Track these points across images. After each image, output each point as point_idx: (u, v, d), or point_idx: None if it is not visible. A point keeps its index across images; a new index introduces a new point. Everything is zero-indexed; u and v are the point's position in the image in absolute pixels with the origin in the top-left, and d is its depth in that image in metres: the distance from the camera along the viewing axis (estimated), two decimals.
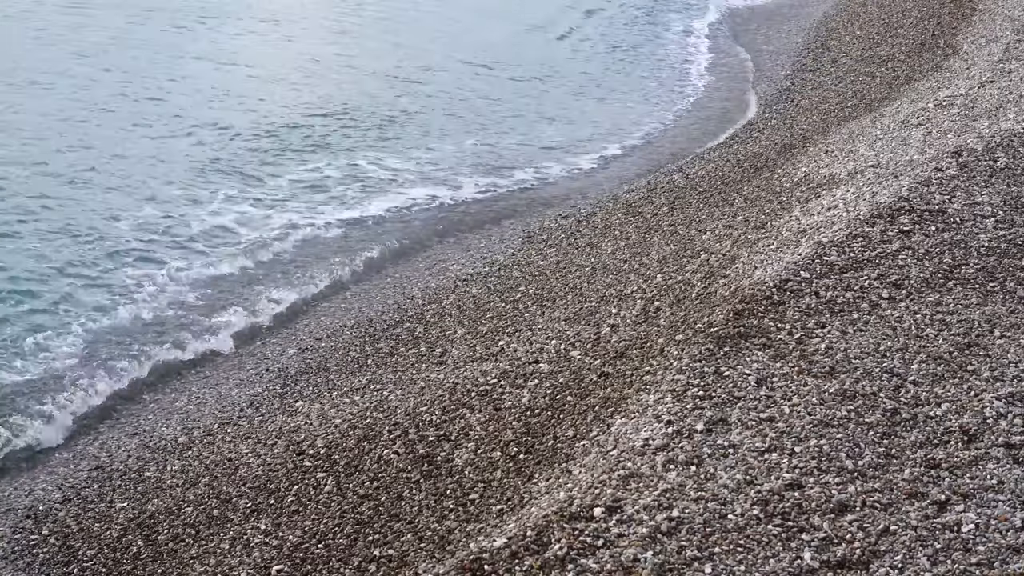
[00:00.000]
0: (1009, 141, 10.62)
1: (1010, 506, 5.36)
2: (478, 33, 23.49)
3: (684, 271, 9.45)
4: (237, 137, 16.00)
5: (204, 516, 7.49)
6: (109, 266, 11.81)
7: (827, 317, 7.31)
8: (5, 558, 7.36)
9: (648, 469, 5.74)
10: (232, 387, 9.67)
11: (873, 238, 8.49)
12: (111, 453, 8.65)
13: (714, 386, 6.50)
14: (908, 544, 5.14)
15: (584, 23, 25.16)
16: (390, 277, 12.09)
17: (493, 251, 12.36)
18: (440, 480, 7.04)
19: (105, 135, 15.55)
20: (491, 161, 15.94)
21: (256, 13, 23.71)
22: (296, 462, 7.84)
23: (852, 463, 5.73)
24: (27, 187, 13.43)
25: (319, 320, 11.02)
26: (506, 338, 9.28)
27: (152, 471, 8.24)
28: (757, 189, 11.95)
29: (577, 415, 7.14)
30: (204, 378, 10.01)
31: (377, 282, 11.97)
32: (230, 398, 9.43)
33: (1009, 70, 14.09)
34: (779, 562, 5.03)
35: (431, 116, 17.78)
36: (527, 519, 5.66)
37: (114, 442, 8.85)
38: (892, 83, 16.57)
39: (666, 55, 22.76)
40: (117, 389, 9.73)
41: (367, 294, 11.59)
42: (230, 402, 9.33)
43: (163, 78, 18.44)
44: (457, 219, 13.91)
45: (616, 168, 15.99)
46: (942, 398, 6.34)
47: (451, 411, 7.89)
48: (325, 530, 6.93)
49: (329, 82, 19.17)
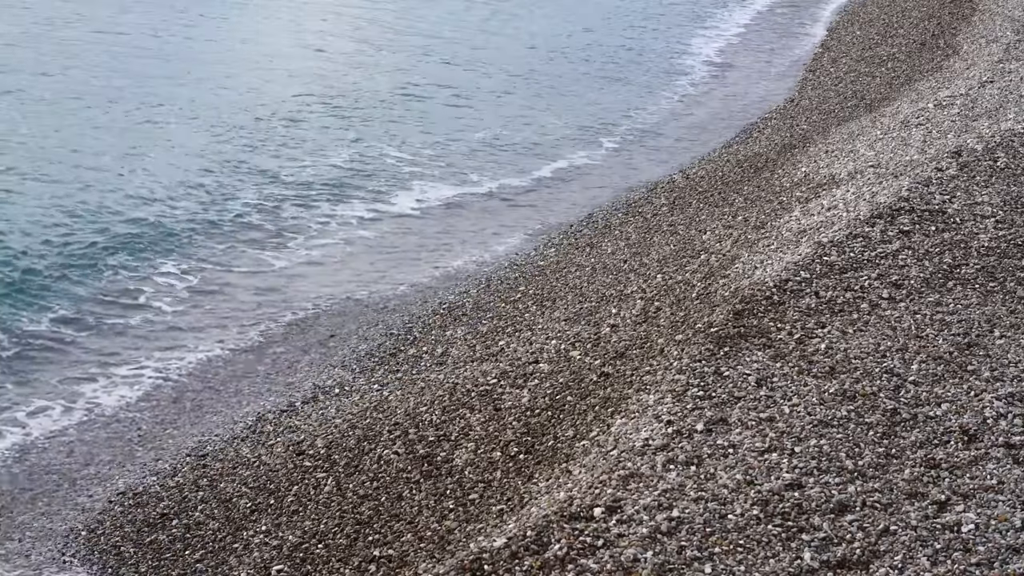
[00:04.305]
0: (1009, 141, 10.63)
1: (1010, 506, 5.36)
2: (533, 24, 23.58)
3: (684, 271, 9.44)
4: (242, 132, 16.03)
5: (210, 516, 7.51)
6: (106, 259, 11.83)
7: (827, 317, 7.31)
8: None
9: (648, 469, 5.73)
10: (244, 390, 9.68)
11: (873, 238, 8.49)
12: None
13: (714, 386, 6.50)
14: (908, 544, 5.14)
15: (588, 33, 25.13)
16: (391, 277, 12.09)
17: (494, 251, 12.36)
18: (440, 480, 7.04)
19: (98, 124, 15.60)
20: (509, 158, 15.98)
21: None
22: (296, 462, 7.84)
23: (852, 463, 5.73)
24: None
25: (319, 320, 11.02)
26: (506, 338, 9.28)
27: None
28: (757, 189, 11.95)
29: (577, 415, 7.14)
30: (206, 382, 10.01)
31: (378, 281, 11.97)
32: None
33: (1009, 70, 14.09)
34: (779, 562, 5.03)
35: (436, 111, 17.80)
36: (527, 519, 5.66)
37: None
38: (892, 83, 16.58)
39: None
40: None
41: (366, 293, 11.59)
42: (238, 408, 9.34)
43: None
44: (458, 218, 13.91)
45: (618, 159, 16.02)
46: (942, 398, 6.34)
47: (451, 411, 7.89)
48: (325, 530, 6.93)
49: (333, 74, 19.24)
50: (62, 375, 9.75)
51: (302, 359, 10.01)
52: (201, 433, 8.75)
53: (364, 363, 9.56)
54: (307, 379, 9.46)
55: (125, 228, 12.52)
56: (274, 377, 9.71)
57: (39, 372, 9.76)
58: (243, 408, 9.10)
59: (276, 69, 19.32)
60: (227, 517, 7.42)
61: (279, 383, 9.53)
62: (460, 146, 16.36)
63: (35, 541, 7.55)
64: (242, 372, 10.00)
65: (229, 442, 8.45)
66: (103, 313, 10.84)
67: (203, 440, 8.59)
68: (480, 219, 13.91)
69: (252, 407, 9.06)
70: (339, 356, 9.83)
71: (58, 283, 11.17)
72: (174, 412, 9.35)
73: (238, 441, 8.43)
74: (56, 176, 13.72)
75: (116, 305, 11.02)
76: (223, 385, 9.78)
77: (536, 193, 14.95)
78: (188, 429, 8.93)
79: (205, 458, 8.26)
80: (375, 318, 10.67)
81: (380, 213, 13.87)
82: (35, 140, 14.80)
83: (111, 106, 16.50)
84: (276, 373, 9.79)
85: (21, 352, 9.98)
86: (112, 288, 11.32)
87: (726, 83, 20.76)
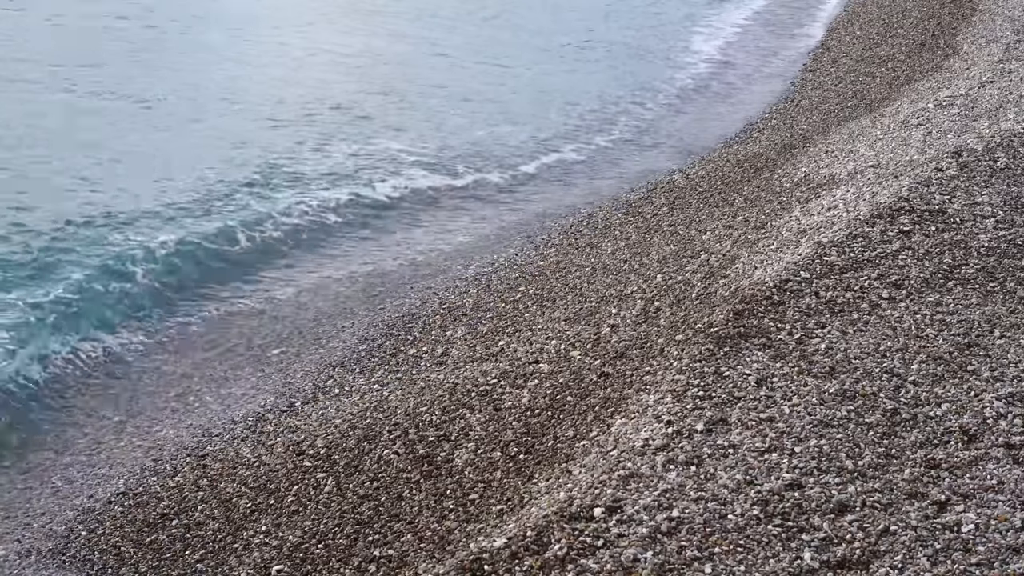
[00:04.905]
0: (1009, 141, 10.63)
1: (1010, 506, 5.37)
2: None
3: (684, 271, 9.45)
4: (248, 126, 16.06)
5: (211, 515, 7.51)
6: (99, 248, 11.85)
7: (827, 317, 7.32)
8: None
9: (648, 469, 5.74)
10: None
11: (873, 238, 8.50)
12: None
13: (714, 386, 6.50)
14: (908, 544, 5.14)
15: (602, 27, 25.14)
16: (389, 276, 12.09)
17: (494, 251, 12.36)
18: (440, 480, 7.04)
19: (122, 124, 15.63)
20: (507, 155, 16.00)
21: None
22: (296, 462, 7.84)
23: (852, 463, 5.73)
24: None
25: (318, 319, 11.02)
26: (506, 338, 9.28)
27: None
28: (757, 189, 11.95)
29: (577, 415, 7.14)
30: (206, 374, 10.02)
31: (378, 281, 11.97)
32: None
33: (1009, 70, 14.09)
34: (779, 562, 5.03)
35: (435, 108, 17.81)
36: (527, 519, 5.66)
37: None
38: (892, 83, 16.58)
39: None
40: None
41: (366, 293, 11.59)
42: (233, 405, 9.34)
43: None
44: (459, 218, 13.92)
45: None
46: (942, 398, 6.35)
47: (451, 411, 7.89)
48: (325, 530, 6.93)
49: (338, 73, 19.27)
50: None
51: (302, 359, 10.01)
52: (201, 433, 8.75)
53: (364, 363, 9.56)
54: (307, 379, 9.46)
55: (113, 226, 12.46)
56: (274, 377, 9.71)
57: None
58: (243, 408, 9.11)
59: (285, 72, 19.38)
60: (227, 517, 7.42)
61: (279, 383, 9.53)
62: (459, 143, 16.36)
63: (35, 541, 7.55)
64: (242, 372, 10.00)
65: (229, 442, 8.45)
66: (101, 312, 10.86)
67: (203, 440, 8.59)
68: (480, 218, 13.92)
69: (252, 407, 9.06)
70: (339, 356, 9.83)
71: (57, 283, 11.16)
72: (174, 412, 9.36)
73: (238, 441, 8.43)
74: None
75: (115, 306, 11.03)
76: (223, 385, 9.79)
77: (537, 192, 14.96)
78: (188, 429, 8.93)
79: (205, 458, 8.26)
80: (375, 318, 10.67)
81: (381, 212, 13.87)
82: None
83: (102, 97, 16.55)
84: (276, 373, 9.80)
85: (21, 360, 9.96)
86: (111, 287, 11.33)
87: (725, 82, 20.77)
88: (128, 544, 7.38)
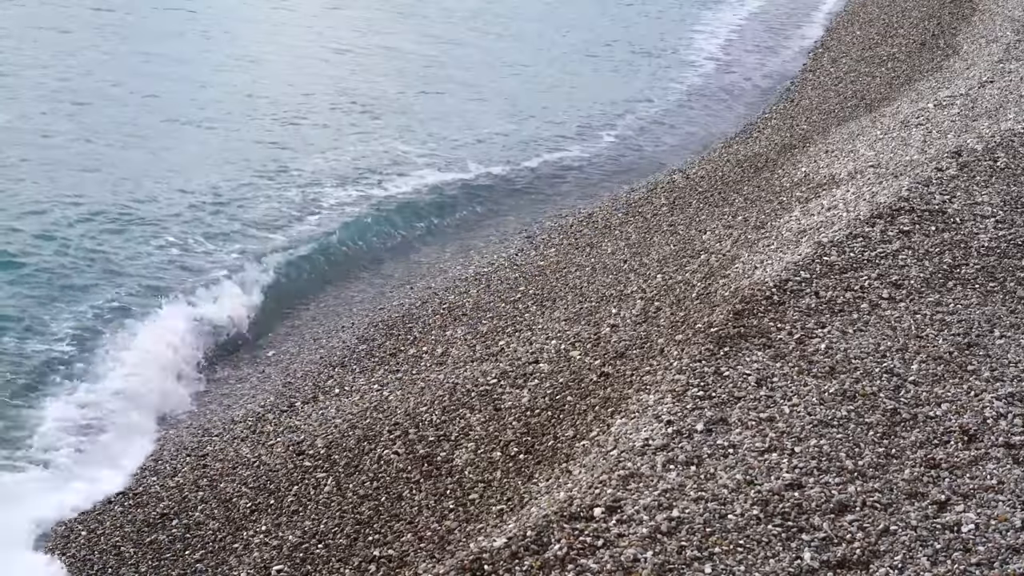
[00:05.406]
0: (1009, 141, 10.63)
1: (1010, 506, 5.37)
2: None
3: (684, 271, 9.45)
4: (254, 125, 16.07)
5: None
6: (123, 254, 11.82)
7: (827, 317, 7.31)
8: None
9: (648, 469, 5.74)
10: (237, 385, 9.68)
11: (873, 238, 8.50)
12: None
13: (714, 386, 6.50)
14: (908, 544, 5.14)
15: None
16: (389, 276, 12.09)
17: (494, 251, 12.35)
18: (440, 480, 7.04)
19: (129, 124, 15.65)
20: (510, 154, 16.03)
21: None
22: (296, 462, 7.84)
23: (852, 463, 5.73)
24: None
25: (318, 320, 11.02)
26: (506, 338, 9.28)
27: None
28: (757, 189, 11.95)
29: (577, 415, 7.14)
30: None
31: (378, 281, 11.97)
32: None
33: (1009, 70, 14.09)
34: (779, 562, 5.03)
35: (439, 106, 17.81)
36: (527, 519, 5.66)
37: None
38: (892, 83, 16.57)
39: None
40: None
41: (366, 293, 11.59)
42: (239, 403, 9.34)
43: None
44: (459, 218, 13.92)
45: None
46: (942, 398, 6.34)
47: (451, 411, 7.89)
48: (325, 530, 6.93)
49: (347, 69, 19.30)
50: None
51: (302, 359, 10.01)
52: (201, 433, 8.75)
53: (364, 363, 9.56)
54: (307, 379, 9.45)
55: (119, 226, 12.44)
56: (274, 377, 9.72)
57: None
58: (243, 408, 9.10)
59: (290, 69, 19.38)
60: (227, 517, 7.42)
61: (279, 383, 9.53)
62: (464, 140, 16.36)
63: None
64: (242, 372, 10.00)
65: (229, 442, 8.45)
66: (98, 311, 10.84)
67: (203, 440, 8.59)
68: (479, 218, 13.91)
69: (252, 407, 9.06)
70: (339, 356, 9.83)
71: (58, 285, 11.13)
72: (174, 411, 9.36)
73: (238, 441, 8.43)
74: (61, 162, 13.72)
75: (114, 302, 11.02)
76: (223, 385, 9.79)
77: (537, 191, 14.96)
78: (188, 429, 8.93)
79: (205, 458, 8.26)
80: (375, 318, 10.67)
81: (379, 212, 13.85)
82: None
83: (116, 105, 16.52)
84: (276, 373, 9.80)
85: (20, 363, 9.93)
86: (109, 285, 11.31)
87: (725, 82, 20.76)
88: (128, 544, 7.38)
